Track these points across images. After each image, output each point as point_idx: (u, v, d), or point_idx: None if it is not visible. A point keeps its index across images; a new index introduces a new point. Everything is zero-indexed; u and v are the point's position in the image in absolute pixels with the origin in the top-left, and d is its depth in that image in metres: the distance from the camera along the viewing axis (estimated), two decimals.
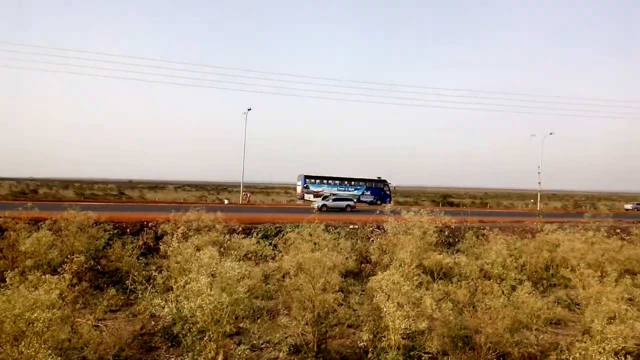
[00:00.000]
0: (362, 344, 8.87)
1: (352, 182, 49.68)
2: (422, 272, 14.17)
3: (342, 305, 10.79)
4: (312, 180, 48.21)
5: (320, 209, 35.35)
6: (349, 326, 10.99)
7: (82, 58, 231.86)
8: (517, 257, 16.51)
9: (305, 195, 47.71)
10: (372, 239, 20.73)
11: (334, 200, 39.52)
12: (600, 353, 7.23)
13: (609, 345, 7.58)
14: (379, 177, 50.92)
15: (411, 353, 8.81)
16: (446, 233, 22.63)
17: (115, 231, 17.90)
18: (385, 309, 8.44)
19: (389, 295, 8.65)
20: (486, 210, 49.60)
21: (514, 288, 11.93)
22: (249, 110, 48.80)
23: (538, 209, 53.03)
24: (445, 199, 69.99)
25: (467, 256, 15.83)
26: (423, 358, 8.45)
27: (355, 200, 43.08)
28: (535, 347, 9.15)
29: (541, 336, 10.51)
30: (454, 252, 17.93)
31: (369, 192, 49.47)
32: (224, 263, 8.97)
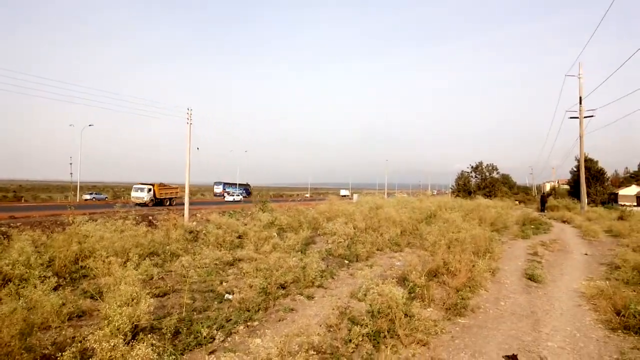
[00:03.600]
0: None
1: (238, 186, 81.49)
2: None
3: None
4: (228, 185, 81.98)
5: (236, 201, 64.02)
6: None
7: None
8: (44, 253, 15.57)
9: (225, 194, 75.19)
10: None
11: (237, 195, 73.86)
12: (111, 335, 7.81)
13: (120, 326, 8.37)
14: (247, 183, 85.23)
15: None
16: None
17: None
18: None
19: None
20: (22, 204, 45.11)
21: (36, 287, 11.20)
22: None
23: (75, 200, 52.53)
24: None
25: None
26: None
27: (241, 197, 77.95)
28: (52, 346, 8.88)
29: (63, 332, 10.35)
30: None
31: (244, 191, 79.27)
32: None
